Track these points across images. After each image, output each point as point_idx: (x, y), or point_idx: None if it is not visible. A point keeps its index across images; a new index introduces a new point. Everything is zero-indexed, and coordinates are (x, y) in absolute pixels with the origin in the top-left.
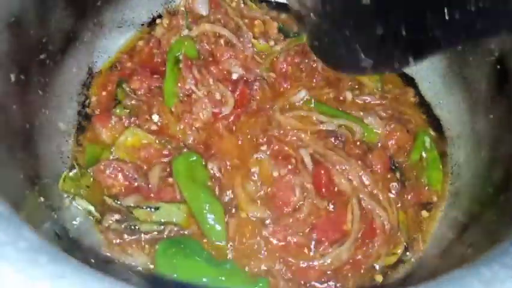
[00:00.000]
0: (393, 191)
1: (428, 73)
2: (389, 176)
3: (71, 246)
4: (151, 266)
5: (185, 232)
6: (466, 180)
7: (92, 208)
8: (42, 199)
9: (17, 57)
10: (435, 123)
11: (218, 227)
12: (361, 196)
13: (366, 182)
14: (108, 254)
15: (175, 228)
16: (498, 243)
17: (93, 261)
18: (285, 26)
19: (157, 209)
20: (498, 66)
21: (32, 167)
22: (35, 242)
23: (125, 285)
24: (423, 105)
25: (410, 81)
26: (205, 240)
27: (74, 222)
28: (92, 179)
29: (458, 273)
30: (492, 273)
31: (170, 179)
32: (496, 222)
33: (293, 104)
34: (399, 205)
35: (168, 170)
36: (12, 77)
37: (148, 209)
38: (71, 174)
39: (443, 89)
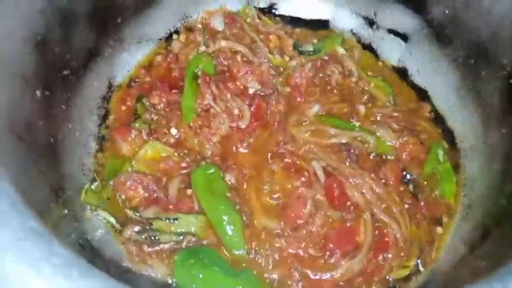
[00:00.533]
0: (407, 204)
1: (442, 86)
2: (402, 188)
3: (93, 256)
4: (170, 277)
5: (204, 242)
6: (479, 193)
7: (113, 220)
8: (66, 211)
9: (42, 75)
10: (449, 135)
11: (237, 238)
12: (374, 209)
13: (379, 195)
14: (129, 265)
15: (193, 239)
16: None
17: (115, 271)
18: (299, 42)
19: (175, 219)
20: (510, 81)
21: (56, 180)
22: (67, 257)
23: None
24: (437, 117)
25: (423, 94)
26: (223, 249)
27: (96, 233)
28: (112, 191)
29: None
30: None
31: (188, 191)
32: (510, 235)
33: (307, 118)
34: (412, 218)
35: (187, 181)
36: (38, 94)
37: (167, 220)
38: (92, 186)
39: (456, 102)
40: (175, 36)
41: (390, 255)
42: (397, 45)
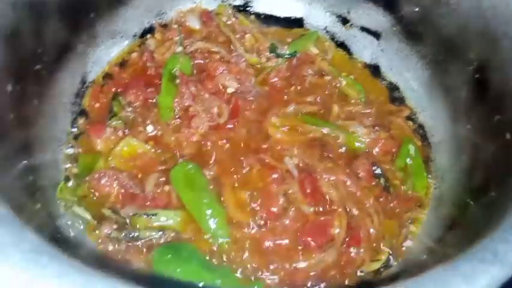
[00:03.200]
0: (379, 198)
1: (413, 82)
2: (374, 183)
3: (69, 252)
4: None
5: (184, 237)
6: (448, 185)
7: (89, 216)
8: (40, 206)
9: (13, 68)
10: (420, 130)
11: (222, 229)
12: (347, 204)
13: (353, 190)
14: (106, 260)
15: (172, 234)
16: (478, 241)
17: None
18: (275, 43)
19: (153, 215)
20: (477, 75)
21: (29, 176)
22: (37, 244)
23: (125, 285)
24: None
25: (395, 90)
26: (202, 243)
27: (71, 230)
28: (88, 189)
29: (440, 270)
30: (472, 268)
31: (166, 187)
32: (477, 224)
33: (283, 117)
34: (384, 212)
35: (164, 178)
36: (9, 87)
37: (146, 216)
38: (68, 184)
39: (426, 97)
40: (149, 35)
41: (362, 249)
42: (369, 42)
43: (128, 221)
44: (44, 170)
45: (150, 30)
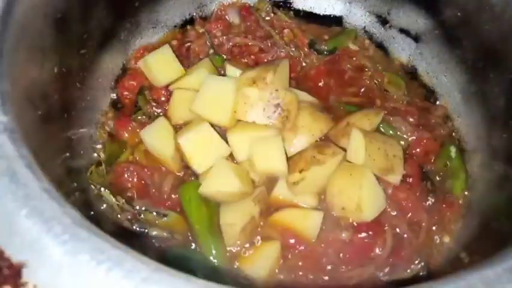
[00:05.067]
0: (429, 202)
1: (448, 87)
2: (420, 187)
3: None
4: None
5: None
6: (478, 194)
7: (114, 200)
8: (75, 184)
9: (60, 51)
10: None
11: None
12: (397, 224)
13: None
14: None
15: (180, 237)
16: (503, 249)
17: None
18: (314, 39)
19: (165, 215)
20: None
21: (68, 154)
22: (76, 218)
23: (161, 266)
24: (444, 118)
25: (431, 94)
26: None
27: (101, 208)
28: (113, 177)
29: (463, 274)
30: (495, 275)
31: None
32: (504, 236)
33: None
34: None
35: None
36: (56, 69)
37: (156, 214)
38: (98, 168)
39: (462, 103)
40: (189, 27)
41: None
42: (408, 44)
43: (142, 215)
44: (81, 150)
45: (191, 21)
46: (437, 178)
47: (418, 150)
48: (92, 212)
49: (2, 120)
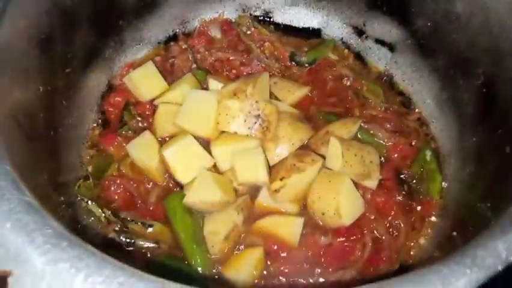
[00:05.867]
0: (406, 207)
1: (423, 94)
2: (396, 190)
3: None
4: None
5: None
6: (452, 196)
7: (101, 213)
8: (62, 198)
9: (45, 71)
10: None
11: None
12: (375, 227)
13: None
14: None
15: (166, 247)
16: (461, 247)
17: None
18: (294, 51)
19: (150, 226)
20: (484, 90)
21: (54, 169)
22: (58, 229)
23: (138, 272)
24: (420, 124)
25: (407, 101)
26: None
27: (88, 223)
28: (100, 191)
29: (420, 271)
30: (449, 270)
31: None
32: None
33: None
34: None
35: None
36: (41, 88)
37: (142, 225)
38: (86, 182)
39: (436, 109)
40: (172, 43)
41: (381, 267)
42: (383, 54)
43: (128, 226)
44: (68, 165)
45: (174, 37)
46: (414, 182)
47: (396, 155)
48: (80, 225)
49: None
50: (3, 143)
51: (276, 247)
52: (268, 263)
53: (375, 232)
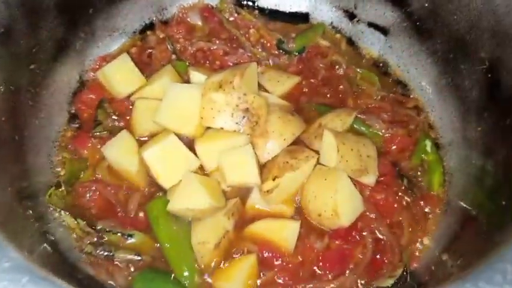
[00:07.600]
0: (406, 202)
1: (420, 80)
2: (396, 185)
3: (59, 259)
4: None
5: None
6: (456, 190)
7: (75, 225)
8: (30, 212)
9: (6, 68)
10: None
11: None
12: (376, 227)
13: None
14: (91, 271)
15: (149, 259)
16: (485, 259)
17: (79, 277)
18: (282, 38)
19: (130, 236)
20: (489, 75)
21: (21, 179)
22: (18, 262)
23: None
24: (418, 112)
25: (403, 88)
26: None
27: (61, 236)
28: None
29: None
30: None
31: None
32: (484, 234)
33: None
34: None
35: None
36: (1, 88)
37: (121, 235)
38: (58, 190)
39: (435, 96)
40: (149, 32)
41: (384, 270)
42: (377, 39)
43: (105, 237)
44: (37, 174)
45: (151, 26)
46: (414, 175)
47: (394, 147)
48: (51, 240)
49: None
50: None
51: (270, 254)
52: (262, 272)
53: (376, 233)
